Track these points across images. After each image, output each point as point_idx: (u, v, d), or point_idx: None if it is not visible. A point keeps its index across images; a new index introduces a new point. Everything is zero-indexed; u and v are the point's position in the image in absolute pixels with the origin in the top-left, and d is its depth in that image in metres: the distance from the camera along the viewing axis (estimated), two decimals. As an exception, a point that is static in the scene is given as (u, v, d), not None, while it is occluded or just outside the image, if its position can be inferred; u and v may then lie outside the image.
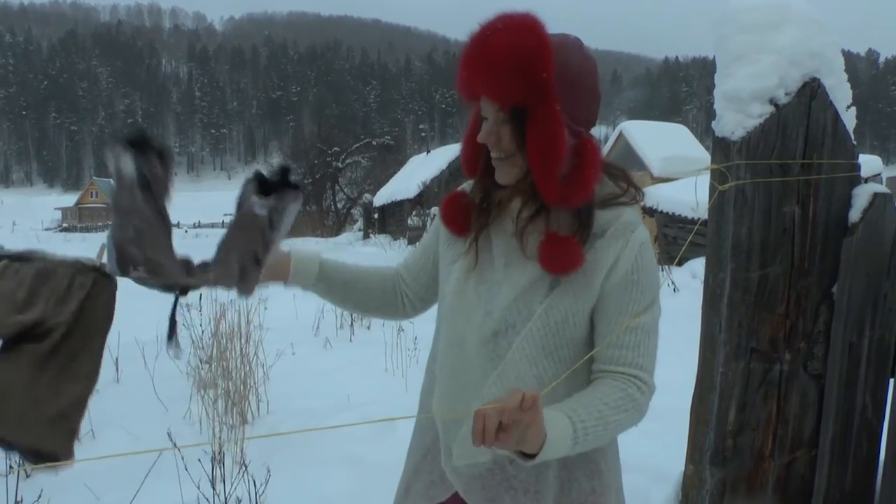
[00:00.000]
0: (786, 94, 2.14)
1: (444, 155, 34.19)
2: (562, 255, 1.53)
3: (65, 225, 79.51)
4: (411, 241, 27.09)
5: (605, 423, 1.49)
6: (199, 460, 2.99)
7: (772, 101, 2.14)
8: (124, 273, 1.70)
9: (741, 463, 2.31)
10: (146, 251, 1.73)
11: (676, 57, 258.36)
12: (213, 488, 3.01)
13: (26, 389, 1.63)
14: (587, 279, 1.56)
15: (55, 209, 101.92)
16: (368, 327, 8.17)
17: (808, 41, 2.14)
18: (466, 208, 1.70)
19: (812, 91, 2.15)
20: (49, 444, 1.65)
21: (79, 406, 1.72)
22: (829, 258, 2.22)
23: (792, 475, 2.31)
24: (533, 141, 1.51)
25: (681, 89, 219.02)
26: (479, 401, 1.57)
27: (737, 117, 2.16)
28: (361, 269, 1.95)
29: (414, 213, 29.40)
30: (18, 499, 2.60)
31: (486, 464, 1.63)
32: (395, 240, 30.26)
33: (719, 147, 2.25)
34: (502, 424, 1.32)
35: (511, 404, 1.31)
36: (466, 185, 1.77)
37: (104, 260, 1.74)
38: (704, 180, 2.41)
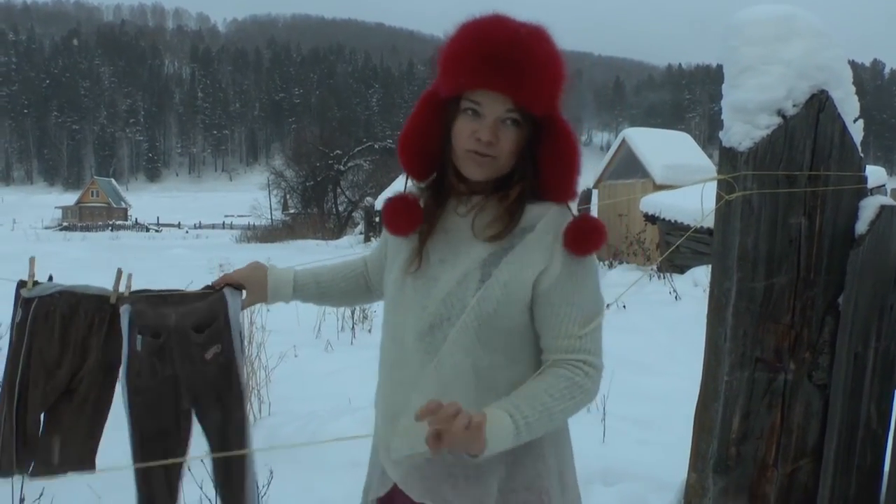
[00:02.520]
0: (793, 105, 2.15)
1: (446, 159, 34.15)
2: (591, 233, 1.60)
3: (65, 224, 79.49)
4: (412, 245, 27.04)
5: (550, 413, 1.53)
6: (202, 461, 2.99)
7: (779, 113, 2.15)
8: None
9: (744, 471, 2.31)
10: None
11: (680, 64, 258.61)
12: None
13: (79, 438, 2.00)
14: (519, 272, 1.61)
15: (56, 208, 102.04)
16: (370, 330, 8.19)
17: (816, 54, 2.15)
18: (410, 209, 1.74)
19: (820, 103, 2.16)
20: (87, 465, 2.06)
21: (101, 430, 2.06)
22: (835, 269, 2.23)
23: (795, 484, 2.32)
24: (553, 151, 1.59)
25: (684, 97, 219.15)
26: (417, 393, 1.63)
27: (744, 128, 2.17)
28: (334, 274, 2.09)
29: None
30: (21, 497, 2.61)
31: (426, 454, 1.62)
32: (396, 243, 30.24)
33: (726, 157, 2.26)
34: (441, 435, 1.36)
35: (457, 426, 1.34)
36: (400, 186, 1.87)
37: (121, 288, 1.93)
38: (709, 189, 2.42)
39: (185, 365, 1.98)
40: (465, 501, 1.64)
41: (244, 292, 2.06)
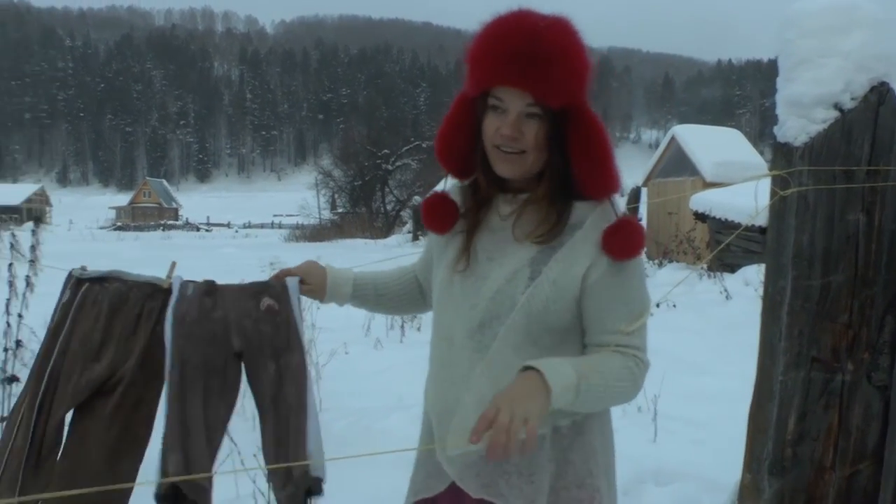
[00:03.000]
0: (851, 98, 2.10)
1: (493, 158, 34.12)
2: (629, 239, 1.60)
3: (118, 224, 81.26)
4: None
5: (606, 385, 1.54)
6: (254, 455, 3.03)
7: (836, 107, 2.10)
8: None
9: (800, 473, 2.27)
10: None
11: (730, 59, 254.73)
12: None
13: (96, 469, 1.76)
14: (568, 269, 1.61)
15: (109, 208, 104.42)
16: (419, 329, 8.22)
17: (876, 44, 2.10)
18: (448, 208, 1.77)
19: (880, 95, 2.10)
20: None
21: (137, 468, 1.86)
22: (895, 267, 2.18)
23: (854, 488, 2.27)
24: (579, 142, 1.59)
25: (734, 93, 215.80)
26: (468, 392, 1.65)
27: (799, 122, 2.13)
28: (391, 280, 2.08)
29: (462, 215, 29.40)
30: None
31: (480, 451, 1.62)
32: (444, 242, 30.31)
33: (781, 153, 2.22)
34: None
35: (503, 423, 1.36)
36: (440, 185, 1.84)
37: (173, 278, 1.88)
38: (763, 186, 2.38)
39: (237, 308, 1.84)
40: (519, 497, 1.64)
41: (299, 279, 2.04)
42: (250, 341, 1.82)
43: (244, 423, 2.08)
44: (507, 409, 1.39)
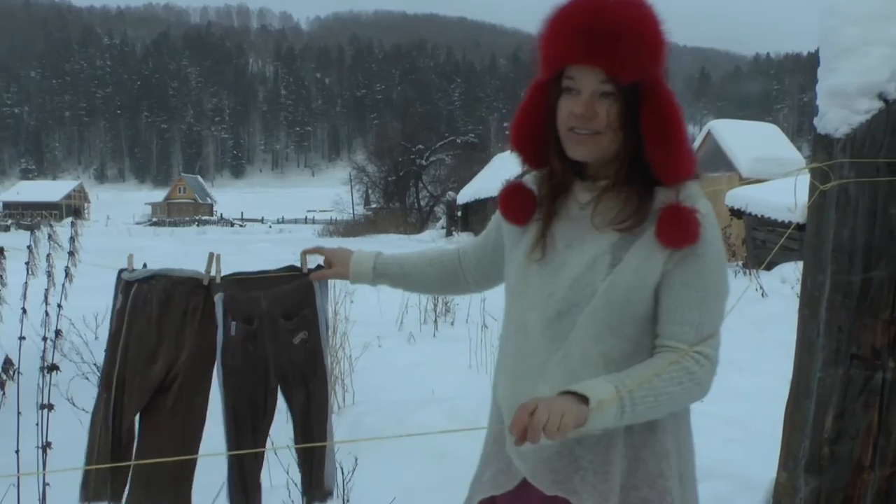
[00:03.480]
0: (896, 88, 2.05)
1: (528, 154, 33.98)
2: (683, 227, 1.54)
3: (154, 219, 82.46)
4: (493, 240, 27.12)
5: (657, 394, 1.50)
6: (287, 446, 3.06)
7: (881, 97, 2.05)
8: None
9: (838, 473, 2.23)
10: None
11: (768, 53, 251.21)
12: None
13: (167, 469, 2.03)
14: (650, 256, 1.56)
15: (145, 204, 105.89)
16: (452, 324, 8.23)
17: (922, 33, 2.05)
18: (526, 198, 1.73)
19: (927, 86, 2.05)
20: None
21: (194, 461, 2.15)
22: (939, 262, 2.13)
23: (894, 489, 2.22)
24: (652, 122, 1.54)
25: (772, 87, 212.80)
26: (544, 383, 1.61)
27: (841, 113, 2.09)
28: (421, 260, 2.07)
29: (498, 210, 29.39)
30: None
31: (555, 446, 1.62)
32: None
33: (821, 145, 2.18)
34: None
35: (539, 421, 1.37)
36: (517, 175, 1.81)
37: (213, 272, 2.02)
38: (802, 183, 2.34)
39: (275, 347, 2.08)
40: (592, 494, 1.61)
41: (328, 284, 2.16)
42: (286, 375, 2.10)
43: (278, 415, 2.16)
44: (546, 407, 1.38)
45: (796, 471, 2.31)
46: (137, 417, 2.08)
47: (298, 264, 2.17)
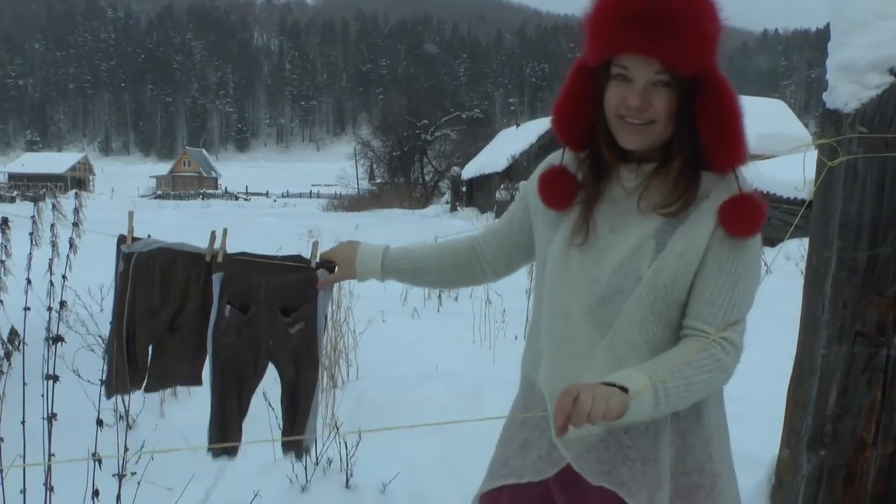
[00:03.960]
0: (908, 63, 2.03)
1: (534, 129, 33.93)
2: (749, 216, 1.52)
3: (159, 192, 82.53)
4: (499, 215, 27.06)
5: (688, 383, 1.47)
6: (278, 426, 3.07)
7: (892, 72, 2.03)
8: None
9: (840, 449, 2.23)
10: None
11: (776, 29, 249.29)
12: (300, 457, 3.09)
13: (186, 360, 2.14)
14: (694, 240, 1.54)
15: (150, 177, 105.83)
16: (456, 299, 8.23)
17: (935, 7, 2.03)
18: (569, 183, 1.67)
19: (939, 60, 2.03)
20: (195, 380, 2.18)
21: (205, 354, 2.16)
22: (946, 239, 2.11)
23: (896, 465, 2.23)
24: (709, 112, 1.50)
25: (780, 63, 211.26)
26: (588, 371, 1.57)
27: (851, 88, 2.07)
28: (432, 253, 1.98)
29: (502, 186, 29.37)
30: (127, 446, 2.73)
31: (600, 434, 1.60)
32: (483, 213, 30.32)
33: (830, 120, 2.16)
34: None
35: (584, 407, 1.33)
36: (556, 159, 1.74)
37: (216, 247, 1.98)
38: (810, 159, 2.32)
39: (271, 333, 2.08)
40: (643, 483, 1.58)
41: (335, 270, 2.05)
42: (278, 356, 2.12)
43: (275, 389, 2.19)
44: (589, 393, 1.35)
45: (799, 448, 2.31)
46: (150, 350, 2.16)
47: (306, 252, 2.12)
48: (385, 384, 4.63)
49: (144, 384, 2.13)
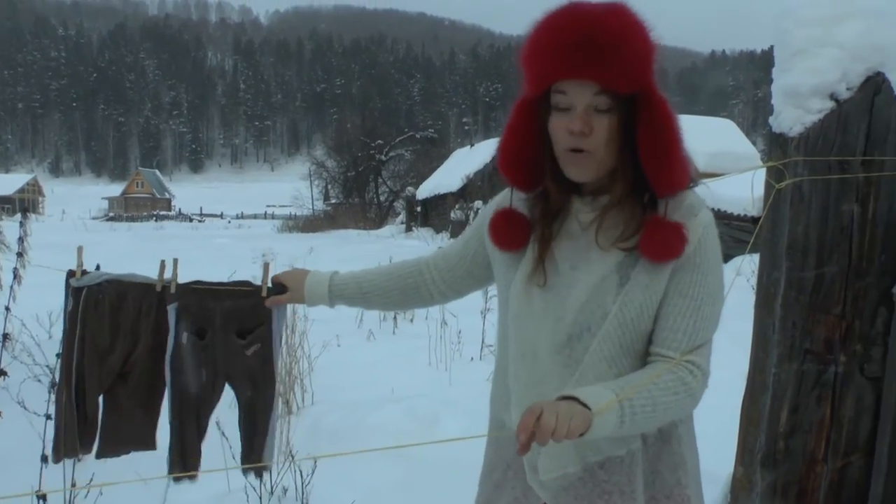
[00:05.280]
0: (847, 88, 2.08)
1: (488, 148, 34.08)
2: (667, 241, 1.49)
3: (111, 214, 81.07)
4: (454, 235, 27.09)
5: (654, 403, 1.45)
6: (232, 457, 3.02)
7: (832, 97, 2.09)
8: None
9: (793, 466, 2.26)
10: None
11: (723, 50, 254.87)
12: (260, 477, 3.04)
13: (138, 418, 2.13)
14: (657, 270, 1.52)
15: (102, 198, 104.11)
16: (411, 321, 8.20)
17: (872, 34, 2.08)
18: (520, 224, 1.65)
19: (876, 86, 2.09)
20: (149, 444, 2.19)
21: (158, 410, 2.19)
22: (888, 258, 2.16)
23: (846, 480, 2.26)
24: (648, 132, 1.48)
25: (727, 83, 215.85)
26: None
27: (795, 113, 2.12)
28: (379, 277, 1.97)
29: (457, 206, 29.43)
30: (73, 482, 2.66)
31: (577, 473, 1.59)
32: (438, 233, 30.33)
33: (776, 143, 2.20)
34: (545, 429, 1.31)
35: (547, 426, 1.30)
36: (505, 200, 1.72)
37: (166, 276, 1.97)
38: (759, 177, 2.37)
39: (227, 357, 2.09)
40: None
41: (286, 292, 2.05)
42: (236, 377, 2.13)
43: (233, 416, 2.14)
44: (552, 411, 1.32)
45: (753, 465, 2.34)
46: (101, 400, 2.13)
47: (249, 278, 2.16)
48: (340, 409, 4.58)
49: (96, 448, 2.10)
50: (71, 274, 2.04)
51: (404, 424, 4.09)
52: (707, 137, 19.67)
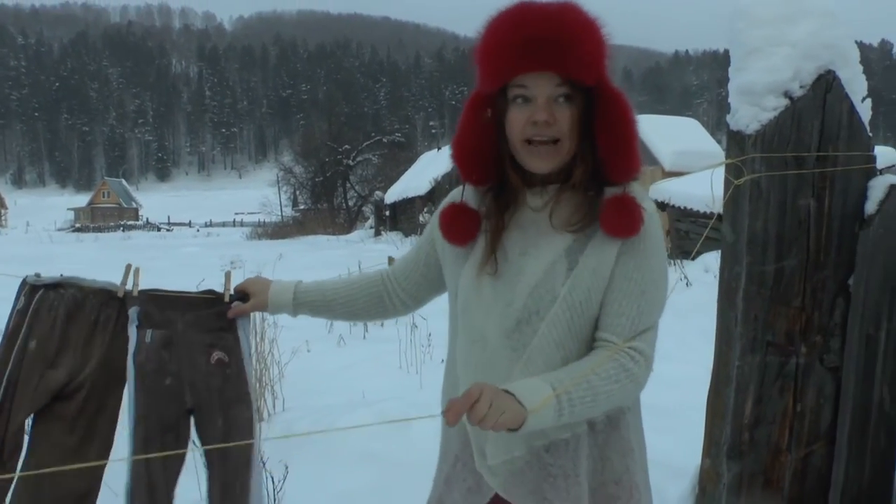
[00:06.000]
0: (800, 86, 2.14)
1: (455, 152, 34.05)
2: (628, 217, 1.55)
3: (77, 225, 79.93)
4: (423, 238, 27.03)
5: (595, 393, 1.49)
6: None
7: (786, 95, 2.14)
8: None
9: (758, 456, 2.31)
10: None
11: (687, 50, 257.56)
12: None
13: (63, 454, 1.82)
14: (605, 256, 1.57)
15: (68, 209, 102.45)
16: (382, 325, 8.17)
17: (822, 33, 2.14)
18: (470, 219, 1.69)
19: (827, 84, 2.14)
20: None
21: (99, 476, 1.93)
22: (844, 251, 2.22)
23: (809, 468, 2.31)
24: (607, 123, 1.54)
25: (691, 83, 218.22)
26: None
27: (751, 111, 2.16)
28: (343, 286, 1.98)
29: (425, 209, 29.42)
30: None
31: (524, 457, 1.62)
32: (407, 237, 30.28)
33: (734, 141, 2.25)
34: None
35: (480, 411, 1.35)
36: (457, 195, 1.76)
37: (129, 285, 1.86)
38: (719, 174, 2.41)
39: (190, 361, 1.92)
40: (565, 500, 1.61)
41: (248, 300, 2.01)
42: (200, 396, 1.91)
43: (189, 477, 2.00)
44: (487, 400, 1.36)
45: (719, 457, 2.38)
46: (29, 426, 1.87)
47: (218, 286, 2.03)
48: (312, 415, 4.57)
49: (9, 496, 1.84)
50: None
51: (376, 427, 4.09)
52: (672, 136, 19.86)
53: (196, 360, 1.92)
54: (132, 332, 1.90)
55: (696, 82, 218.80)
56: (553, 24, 1.46)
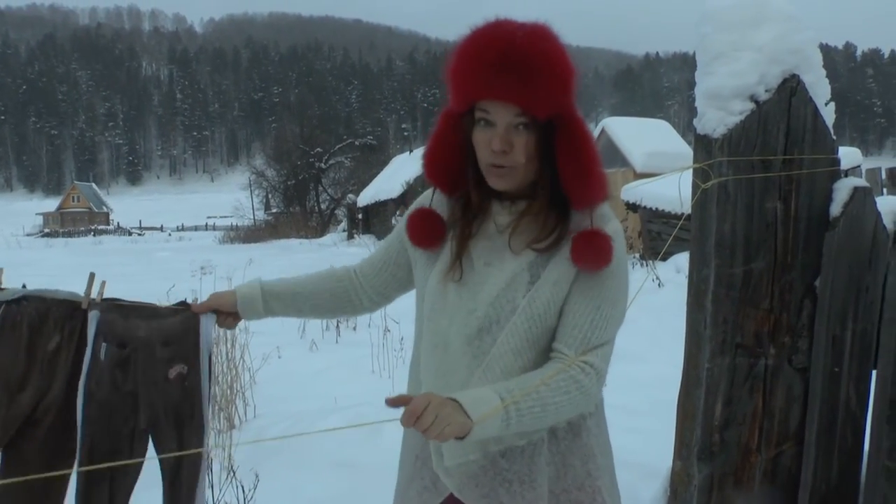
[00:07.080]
0: (766, 90, 2.16)
1: (428, 154, 34.05)
2: (599, 251, 1.58)
3: (47, 230, 78.84)
4: (396, 241, 26.99)
5: (543, 404, 1.52)
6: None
7: (752, 98, 2.16)
8: None
9: (728, 457, 2.32)
10: None
11: (657, 53, 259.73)
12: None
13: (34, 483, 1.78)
14: (566, 271, 1.61)
15: (37, 214, 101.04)
16: (354, 328, 8.16)
17: (787, 38, 2.16)
18: (435, 224, 1.74)
19: (792, 88, 2.17)
20: None
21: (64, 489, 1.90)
22: (811, 252, 2.24)
23: (779, 468, 2.33)
24: (567, 151, 1.57)
25: (662, 85, 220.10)
26: None
27: (718, 115, 2.18)
28: (308, 282, 1.99)
29: (398, 212, 29.39)
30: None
31: (479, 461, 1.65)
32: (380, 239, 30.22)
33: (701, 144, 2.27)
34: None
35: (426, 421, 1.39)
36: (426, 200, 1.80)
37: (93, 294, 1.83)
38: (688, 176, 2.43)
39: (147, 381, 1.88)
40: (521, 503, 1.63)
41: (216, 316, 1.98)
42: (156, 413, 1.88)
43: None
44: (433, 412, 1.39)
45: (690, 459, 2.39)
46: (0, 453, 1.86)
47: (189, 293, 2.03)
48: (284, 421, 4.54)
49: None
50: None
51: (348, 433, 4.06)
52: (644, 138, 20.00)
53: (155, 378, 1.89)
54: (89, 340, 1.86)
55: (667, 84, 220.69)
56: (517, 53, 1.48)
